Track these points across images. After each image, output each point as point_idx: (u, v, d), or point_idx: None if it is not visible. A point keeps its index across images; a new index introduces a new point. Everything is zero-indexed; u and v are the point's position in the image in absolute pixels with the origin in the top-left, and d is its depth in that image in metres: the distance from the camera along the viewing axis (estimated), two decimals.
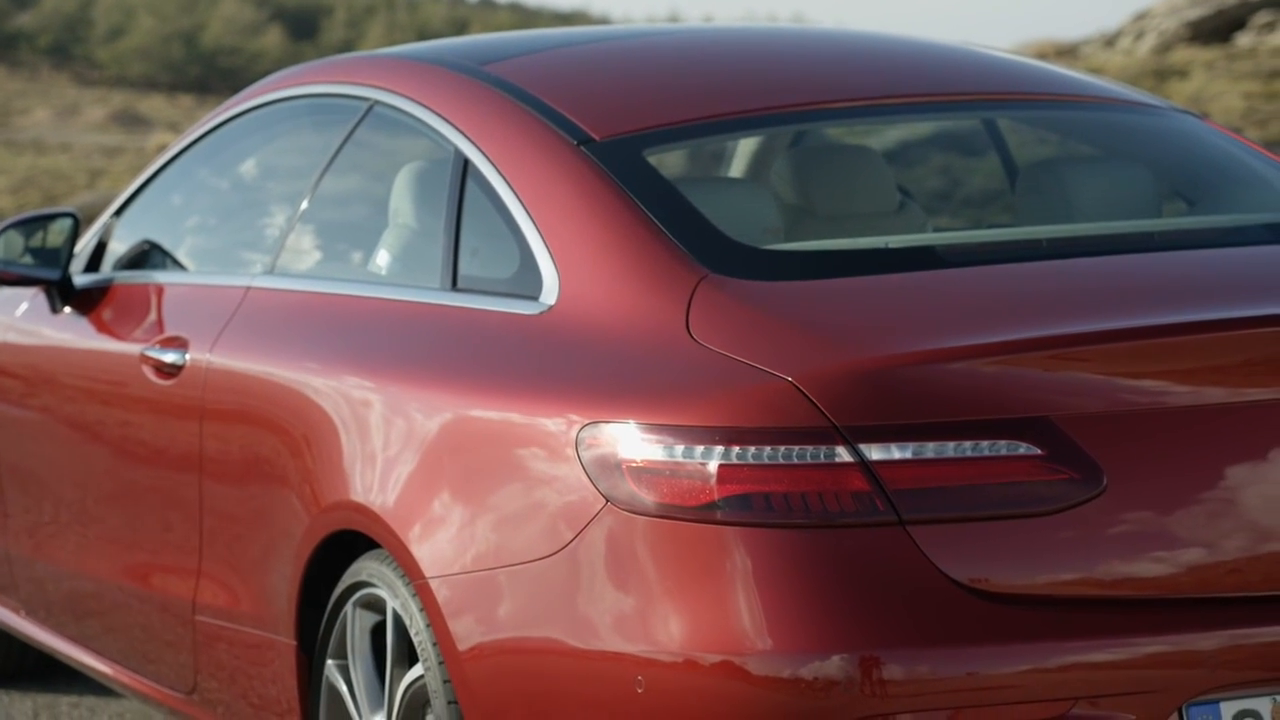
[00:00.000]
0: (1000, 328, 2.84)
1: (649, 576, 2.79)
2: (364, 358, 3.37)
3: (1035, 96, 3.67)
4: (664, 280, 3.02)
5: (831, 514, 2.73)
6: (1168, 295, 2.96)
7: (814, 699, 2.67)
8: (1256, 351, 2.83)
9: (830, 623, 2.69)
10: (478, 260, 3.35)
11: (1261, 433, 2.81)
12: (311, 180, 3.86)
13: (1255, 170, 3.54)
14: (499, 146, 3.37)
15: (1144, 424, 2.79)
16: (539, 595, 2.90)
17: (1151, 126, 3.66)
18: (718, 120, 3.47)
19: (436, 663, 3.05)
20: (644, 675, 2.76)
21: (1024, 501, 2.74)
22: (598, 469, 2.86)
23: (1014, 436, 2.75)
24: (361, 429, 3.28)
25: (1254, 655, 2.73)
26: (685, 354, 2.90)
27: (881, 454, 2.74)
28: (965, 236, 3.48)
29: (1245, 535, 2.78)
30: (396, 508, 3.13)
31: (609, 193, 3.18)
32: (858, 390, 2.77)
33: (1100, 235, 3.26)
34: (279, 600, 3.48)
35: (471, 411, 3.08)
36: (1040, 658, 2.69)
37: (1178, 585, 2.76)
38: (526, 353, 3.09)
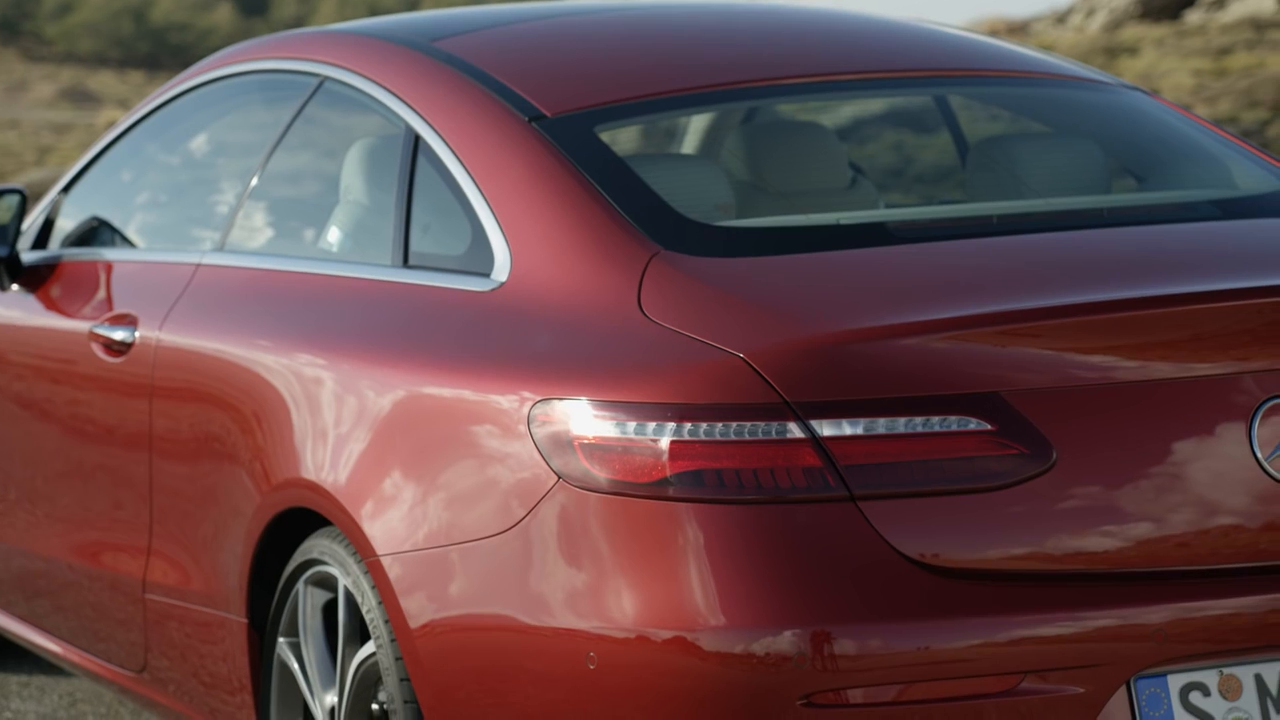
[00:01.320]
0: (951, 304, 2.85)
1: (601, 553, 2.79)
2: (315, 335, 3.36)
3: (986, 73, 3.68)
4: (616, 257, 3.02)
5: (783, 490, 2.74)
6: (1117, 271, 2.98)
7: (765, 674, 2.68)
8: (1205, 327, 2.85)
9: (781, 598, 2.70)
10: (429, 237, 3.35)
11: (1209, 408, 2.83)
12: (261, 157, 3.84)
13: (1204, 147, 3.56)
14: (450, 123, 3.36)
15: (1093, 399, 2.80)
16: (491, 572, 2.90)
17: (1101, 103, 3.68)
18: (670, 97, 3.47)
19: (388, 640, 3.05)
20: (596, 651, 2.77)
21: (974, 477, 2.75)
22: (550, 446, 2.86)
23: (964, 412, 2.76)
24: (313, 406, 3.27)
25: (1201, 628, 2.75)
26: (637, 330, 2.90)
27: (833, 430, 2.75)
28: (916, 213, 3.49)
29: (1193, 510, 2.80)
30: (348, 485, 3.13)
31: (561, 169, 3.18)
32: (809, 366, 2.77)
33: (1050, 211, 3.28)
34: (230, 578, 3.47)
35: (423, 389, 3.07)
36: (990, 632, 2.71)
37: (1126, 559, 2.78)
38: (478, 330, 3.09)
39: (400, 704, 3.03)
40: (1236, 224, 3.24)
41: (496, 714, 2.89)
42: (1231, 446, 2.82)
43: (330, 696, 3.26)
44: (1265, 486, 2.82)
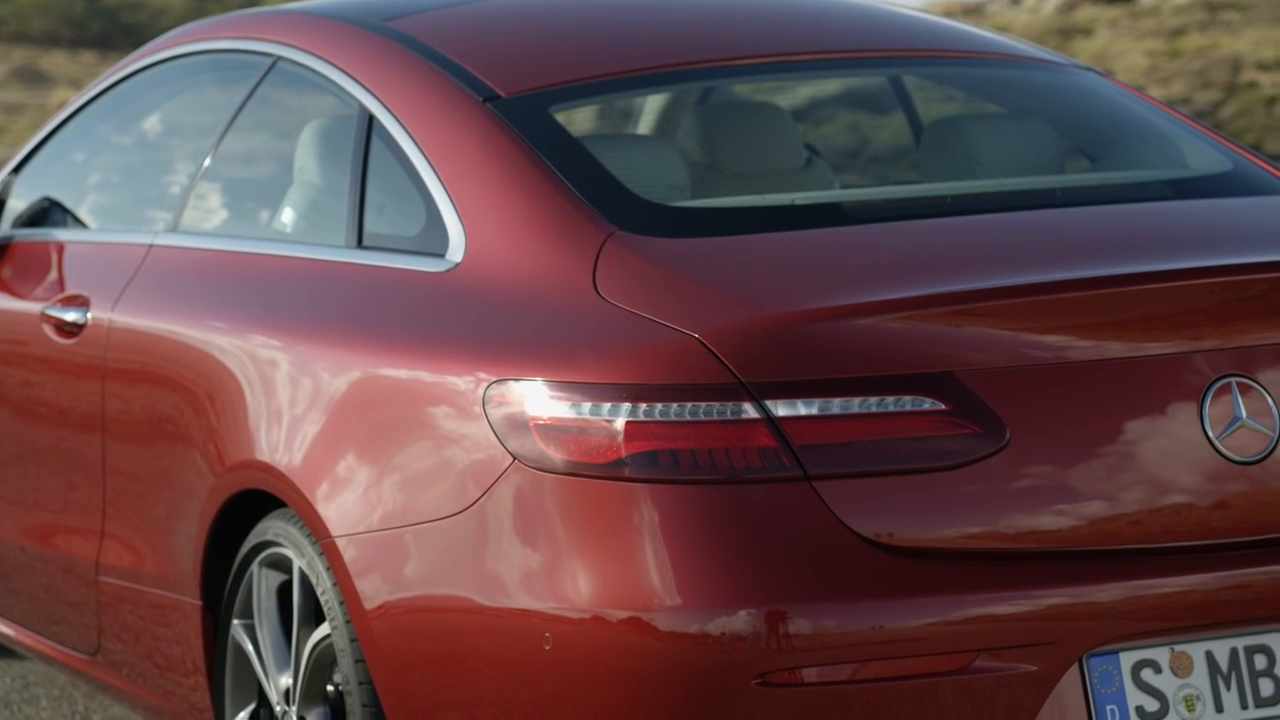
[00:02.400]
0: (905, 284, 2.86)
1: (556, 534, 2.79)
2: (269, 316, 3.35)
3: (940, 53, 3.69)
4: (571, 237, 3.02)
5: (738, 470, 2.74)
6: (1070, 251, 2.99)
7: (720, 654, 2.69)
8: (1157, 306, 2.87)
9: (736, 578, 2.71)
10: (383, 218, 3.34)
11: (1161, 387, 2.84)
12: (214, 137, 3.82)
13: (1157, 127, 3.58)
14: (404, 103, 3.35)
15: (1046, 379, 2.81)
16: (446, 553, 2.90)
17: (1054, 84, 3.69)
18: (625, 77, 3.47)
19: (343, 621, 3.04)
20: (551, 632, 2.77)
21: (928, 456, 2.76)
22: (505, 427, 2.85)
23: (918, 392, 2.77)
24: (267, 387, 3.26)
25: (1153, 606, 2.77)
26: (592, 311, 2.90)
27: (788, 410, 2.76)
28: (870, 193, 3.50)
29: (1145, 488, 2.81)
30: (303, 467, 3.12)
31: (515, 150, 3.17)
32: (764, 347, 2.78)
33: (1004, 192, 3.29)
34: (184, 560, 3.46)
35: (378, 370, 3.07)
36: (943, 611, 2.72)
37: (1079, 538, 2.79)
38: (433, 310, 3.08)
39: (355, 685, 3.02)
40: (1188, 204, 3.25)
41: (452, 694, 2.89)
42: (1183, 425, 2.84)
43: (285, 678, 3.26)
44: (1216, 465, 2.84)
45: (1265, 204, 3.28)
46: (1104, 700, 2.76)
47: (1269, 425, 2.87)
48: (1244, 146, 3.53)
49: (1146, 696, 2.78)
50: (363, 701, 3.01)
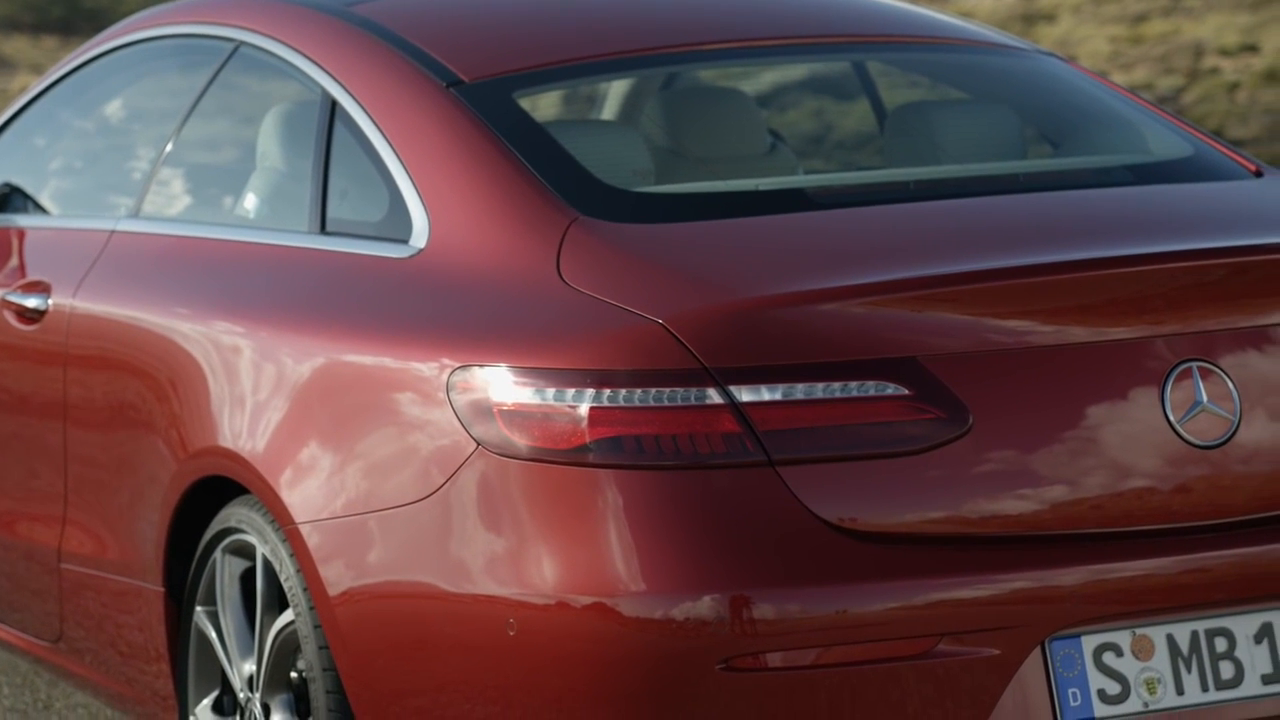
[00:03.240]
0: (868, 269, 2.86)
1: (521, 520, 2.79)
2: (231, 302, 3.34)
3: (904, 39, 3.69)
4: (535, 223, 3.02)
5: (702, 455, 2.75)
6: (1032, 236, 3.00)
7: (684, 639, 2.69)
8: (1118, 291, 2.88)
9: (701, 563, 2.71)
10: (347, 203, 3.33)
11: (1123, 372, 2.86)
12: (176, 122, 3.81)
13: (1118, 113, 3.59)
14: (367, 88, 3.34)
15: (1009, 363, 2.82)
16: (410, 539, 2.89)
17: (1017, 69, 3.70)
18: (589, 62, 3.46)
19: (307, 608, 3.04)
20: (515, 618, 2.77)
21: (892, 441, 2.77)
22: (469, 413, 2.85)
23: (882, 377, 2.78)
24: (230, 374, 3.25)
25: (1115, 590, 2.79)
26: (556, 297, 2.89)
27: (751, 395, 2.76)
28: (834, 179, 3.50)
29: (1107, 472, 2.83)
30: (266, 453, 3.11)
31: (479, 135, 3.17)
32: (727, 332, 2.78)
33: (966, 177, 3.30)
34: (146, 547, 3.44)
35: (342, 356, 3.06)
36: (907, 595, 2.73)
37: (1041, 522, 2.80)
38: (397, 296, 3.07)
39: (319, 672, 3.02)
40: (1150, 189, 3.27)
41: (415, 681, 2.89)
42: (1145, 410, 2.85)
43: (248, 665, 3.25)
44: (1177, 449, 2.85)
45: (1226, 189, 3.30)
46: (1066, 683, 2.78)
47: (1229, 409, 2.88)
48: (1206, 132, 3.54)
49: (1108, 679, 2.80)
50: (326, 688, 3.01)
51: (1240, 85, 12.79)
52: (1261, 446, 2.88)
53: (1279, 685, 2.84)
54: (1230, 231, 3.06)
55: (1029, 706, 2.75)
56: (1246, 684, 2.84)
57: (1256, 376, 2.89)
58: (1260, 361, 2.90)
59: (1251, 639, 2.85)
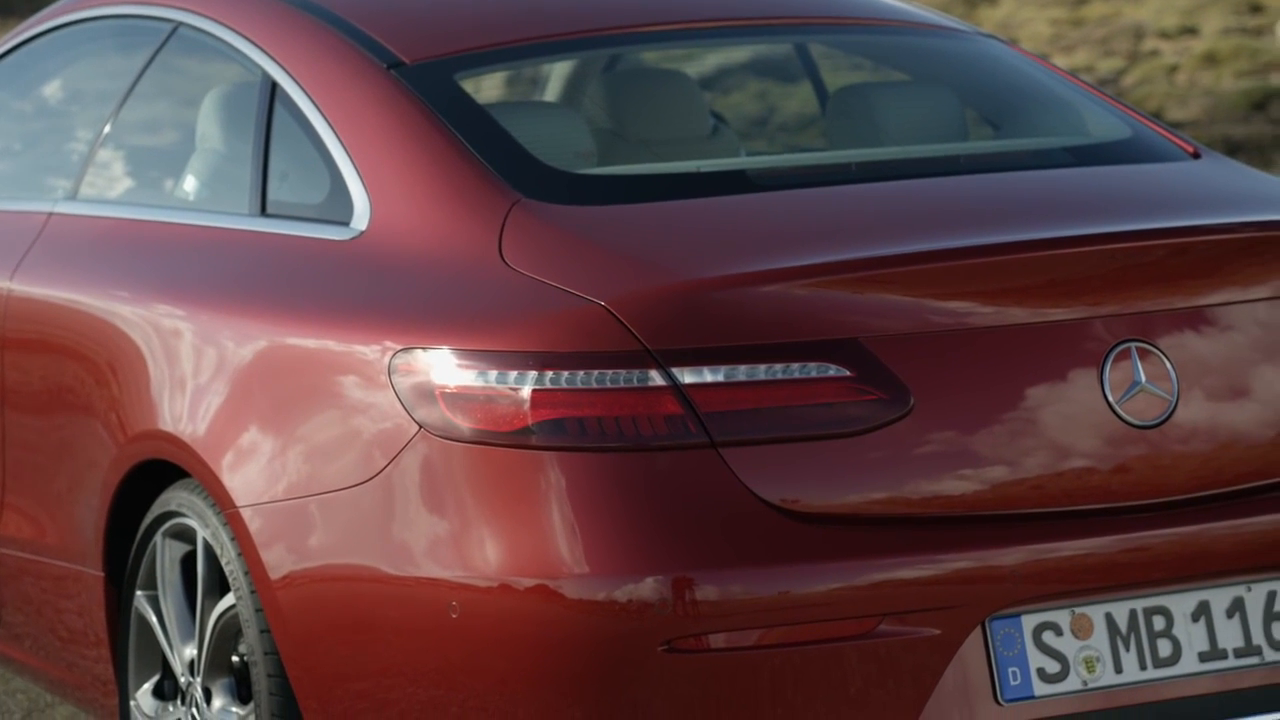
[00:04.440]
0: (809, 251, 2.87)
1: (463, 502, 2.79)
2: (171, 284, 3.32)
3: (846, 21, 3.70)
4: (476, 205, 3.01)
5: (644, 437, 2.75)
6: (972, 218, 3.01)
7: (627, 621, 2.70)
8: (1057, 272, 2.89)
9: (643, 545, 2.71)
10: (287, 185, 3.31)
11: (1062, 352, 2.87)
12: (115, 104, 3.78)
13: (1058, 95, 3.60)
14: (307, 70, 3.32)
15: (950, 344, 2.84)
16: (352, 523, 2.88)
17: (958, 51, 3.71)
18: (531, 44, 3.46)
19: (248, 592, 3.03)
20: (458, 600, 2.77)
21: (833, 422, 2.78)
22: (411, 395, 2.84)
23: (823, 358, 2.79)
24: (170, 357, 3.23)
25: (1054, 569, 2.80)
26: (498, 279, 2.89)
27: (693, 377, 2.76)
28: (775, 161, 3.51)
29: (1046, 452, 2.84)
30: (206, 437, 3.10)
31: (420, 117, 3.16)
32: (669, 314, 2.78)
33: (907, 159, 3.31)
34: (86, 531, 3.42)
35: (283, 339, 3.05)
36: (849, 576, 2.74)
37: (982, 502, 2.82)
38: (338, 279, 3.06)
39: (261, 656, 3.01)
40: (1089, 171, 3.29)
41: (359, 664, 2.88)
42: (1084, 390, 2.87)
43: (189, 649, 3.24)
44: (1116, 429, 2.87)
45: (1164, 171, 3.32)
46: (1006, 662, 2.79)
47: (1167, 390, 2.90)
48: (1144, 114, 3.56)
49: (1048, 658, 2.82)
50: (268, 672, 3.00)
51: (1180, 68, 12.87)
52: (1199, 426, 2.90)
53: (1215, 663, 2.87)
54: (1168, 213, 3.08)
55: (969, 685, 2.76)
56: (1184, 662, 2.86)
57: (1194, 357, 2.92)
58: (1197, 342, 2.93)
59: (1189, 617, 2.87)
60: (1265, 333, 2.96)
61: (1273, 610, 2.90)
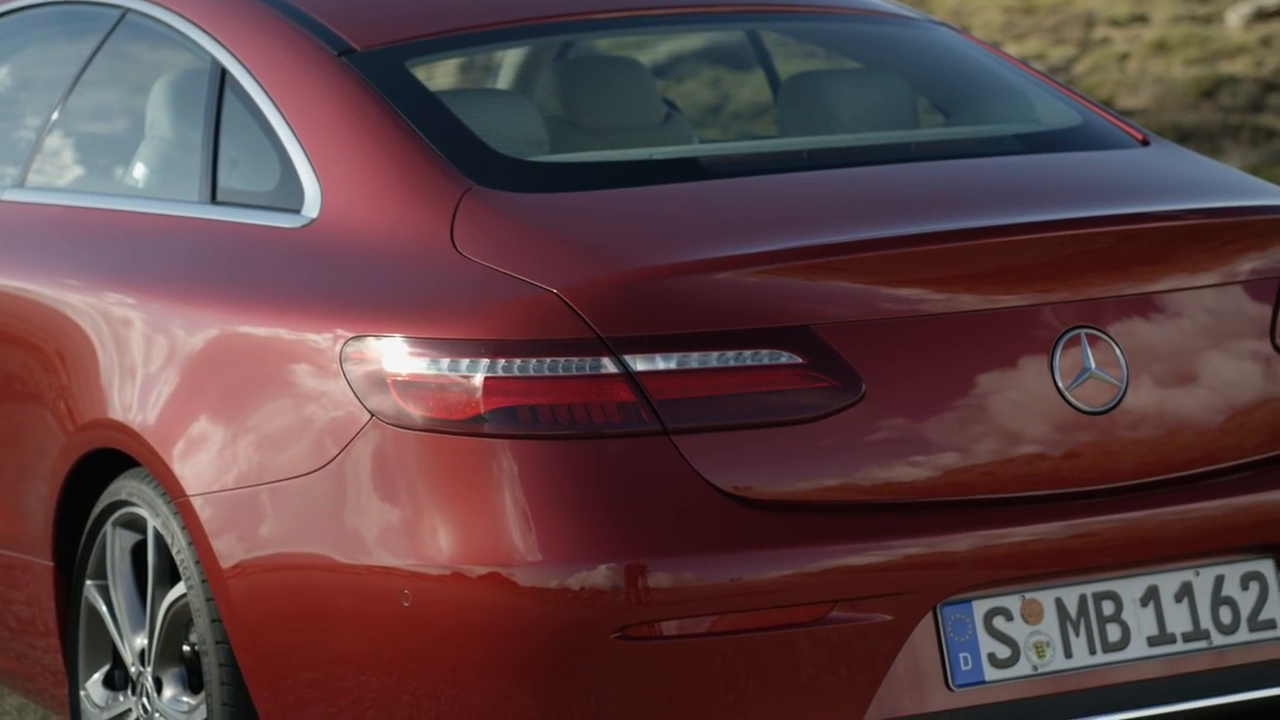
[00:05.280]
0: (762, 238, 2.87)
1: (415, 490, 2.78)
2: (121, 272, 3.30)
3: (796, 9, 3.71)
4: (428, 193, 3.00)
5: (597, 425, 2.75)
6: (924, 205, 3.02)
7: (580, 608, 2.70)
8: (1008, 259, 2.91)
9: (596, 533, 2.72)
10: (237, 173, 3.30)
11: (1013, 339, 2.88)
12: (63, 91, 3.75)
13: (1009, 82, 3.61)
14: (257, 57, 3.31)
15: (901, 332, 2.85)
16: (304, 511, 2.88)
17: (910, 39, 3.71)
18: (482, 31, 3.45)
19: (199, 581, 3.02)
20: (410, 589, 2.76)
21: (785, 409, 2.79)
22: (363, 383, 2.84)
23: (775, 345, 2.79)
24: (120, 345, 3.22)
25: (1005, 555, 2.82)
26: (450, 267, 2.89)
27: (646, 364, 2.76)
28: (727, 148, 3.51)
29: (997, 439, 2.86)
30: (157, 425, 3.08)
31: (371, 104, 3.15)
32: (622, 301, 2.78)
33: (859, 146, 3.31)
34: (35, 521, 3.40)
35: (234, 327, 3.04)
36: (801, 562, 2.75)
37: (933, 489, 2.83)
38: (289, 267, 3.05)
39: (212, 645, 3.00)
40: (1039, 158, 3.30)
41: (310, 653, 2.87)
42: (1034, 377, 2.88)
43: (140, 639, 3.22)
44: (1065, 415, 2.89)
45: (1113, 158, 3.34)
46: (957, 648, 2.81)
47: (1116, 376, 2.92)
48: (1094, 101, 3.58)
49: (998, 644, 2.83)
50: (219, 661, 2.99)
51: (1130, 55, 12.94)
52: (1148, 412, 2.92)
53: (1164, 647, 2.89)
54: (1117, 200, 3.09)
55: (921, 671, 2.77)
56: (1133, 646, 2.88)
57: (1143, 343, 2.93)
58: (1146, 328, 2.94)
59: (1138, 602, 2.89)
60: (1213, 319, 2.98)
61: (1220, 595, 2.92)
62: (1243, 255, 3.03)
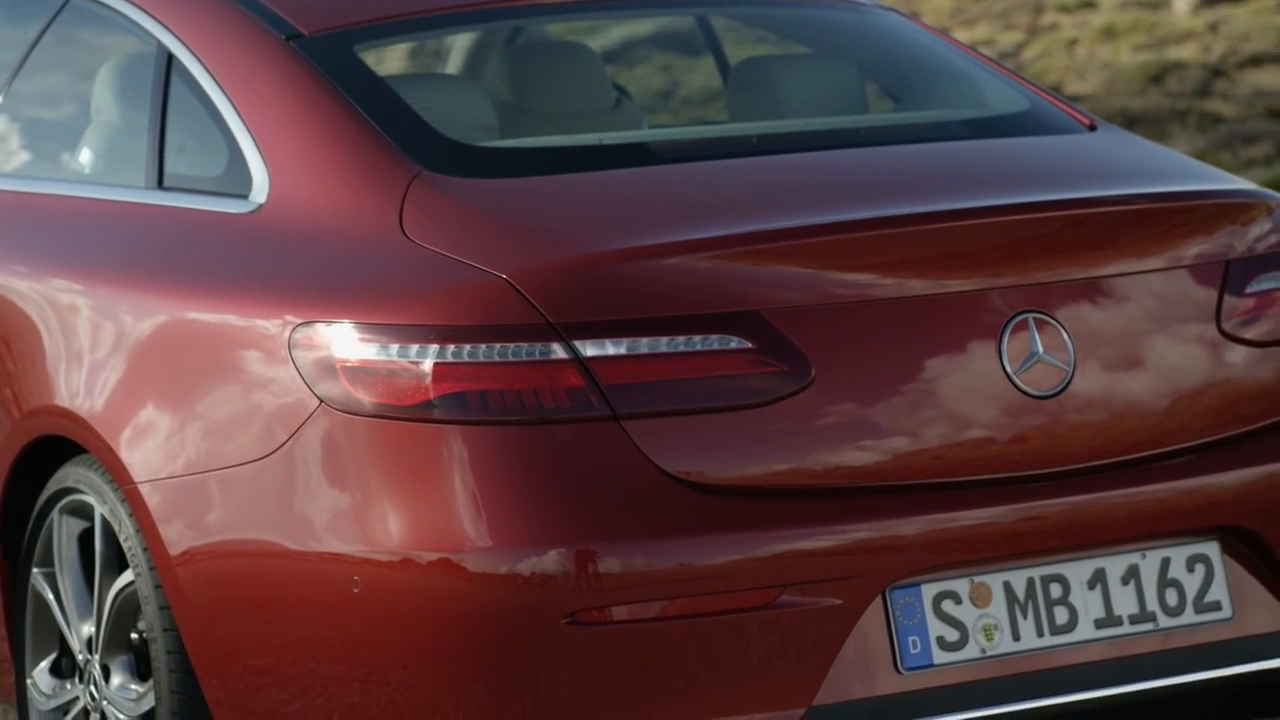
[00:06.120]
0: (711, 223, 2.88)
1: (365, 476, 2.78)
2: (68, 258, 3.28)
3: None
4: (377, 178, 2.99)
5: (547, 410, 2.75)
6: (872, 190, 3.03)
7: (530, 594, 2.70)
8: (956, 244, 2.91)
9: (546, 518, 2.71)
10: (185, 158, 3.28)
11: (961, 323, 2.89)
12: (7, 75, 3.72)
13: (958, 68, 3.62)
14: (204, 41, 3.29)
15: (850, 316, 2.85)
16: (253, 498, 2.87)
17: (859, 25, 3.72)
18: (431, 16, 3.44)
19: (147, 569, 3.00)
20: (360, 575, 2.76)
21: (735, 394, 2.79)
22: (312, 370, 2.83)
23: (724, 331, 2.80)
24: (67, 331, 3.20)
25: (953, 539, 2.83)
26: (399, 252, 2.88)
27: (596, 350, 2.76)
28: (677, 133, 3.51)
29: (946, 423, 2.87)
30: (104, 412, 3.07)
31: (319, 89, 3.13)
32: (572, 287, 2.78)
33: (808, 131, 3.32)
34: None
35: (182, 313, 3.02)
36: (750, 547, 2.75)
37: (882, 473, 2.84)
38: (237, 252, 3.04)
39: (160, 632, 2.99)
40: (987, 143, 3.31)
41: (260, 640, 2.87)
42: (982, 361, 2.89)
43: (87, 626, 3.21)
44: (1013, 399, 2.90)
45: (1060, 143, 3.35)
46: (906, 631, 2.82)
47: (1064, 360, 2.94)
48: (1043, 87, 3.59)
49: (947, 627, 2.84)
50: (168, 649, 2.98)
51: (1079, 41, 13.00)
52: (1095, 396, 2.94)
53: (1111, 629, 2.91)
54: (1065, 185, 3.11)
55: (870, 654, 2.78)
56: (1080, 629, 2.90)
57: (1090, 327, 2.95)
58: (1093, 313, 2.96)
59: (1085, 584, 2.91)
60: (1160, 303, 3.00)
61: (1167, 577, 2.94)
62: (1189, 240, 3.05)
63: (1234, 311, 3.04)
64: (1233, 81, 11.98)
